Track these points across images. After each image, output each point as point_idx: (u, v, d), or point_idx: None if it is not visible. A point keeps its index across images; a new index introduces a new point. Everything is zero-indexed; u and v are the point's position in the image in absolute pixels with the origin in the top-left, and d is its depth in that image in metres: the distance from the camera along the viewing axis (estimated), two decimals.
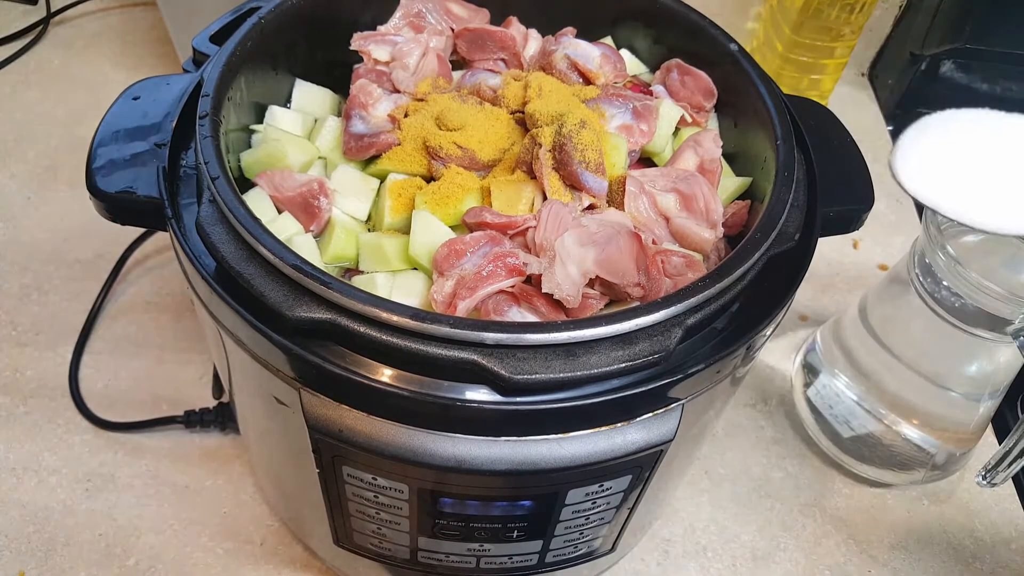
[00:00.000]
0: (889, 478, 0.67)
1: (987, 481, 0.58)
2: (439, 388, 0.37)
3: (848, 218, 0.49)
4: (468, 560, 0.49)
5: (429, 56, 0.54)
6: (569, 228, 0.44)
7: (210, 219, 0.40)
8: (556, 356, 0.37)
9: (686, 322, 0.38)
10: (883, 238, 0.86)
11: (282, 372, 0.39)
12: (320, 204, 0.47)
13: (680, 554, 0.64)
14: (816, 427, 0.69)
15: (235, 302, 0.38)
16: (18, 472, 0.64)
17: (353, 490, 0.44)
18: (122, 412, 0.67)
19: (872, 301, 0.65)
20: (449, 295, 0.42)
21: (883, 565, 0.64)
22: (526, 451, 0.39)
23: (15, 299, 0.74)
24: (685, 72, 0.55)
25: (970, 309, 0.55)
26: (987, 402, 0.62)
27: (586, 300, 0.43)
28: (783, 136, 0.47)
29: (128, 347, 0.71)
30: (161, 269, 0.77)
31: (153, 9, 0.99)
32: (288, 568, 0.61)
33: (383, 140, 0.49)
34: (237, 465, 0.65)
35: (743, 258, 0.40)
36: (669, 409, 0.40)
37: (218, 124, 0.44)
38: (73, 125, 0.89)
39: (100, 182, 0.43)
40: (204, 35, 0.50)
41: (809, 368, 0.70)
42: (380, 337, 0.36)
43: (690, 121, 0.55)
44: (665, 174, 0.50)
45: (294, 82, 0.54)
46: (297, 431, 0.41)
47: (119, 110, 0.47)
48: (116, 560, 0.60)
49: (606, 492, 0.44)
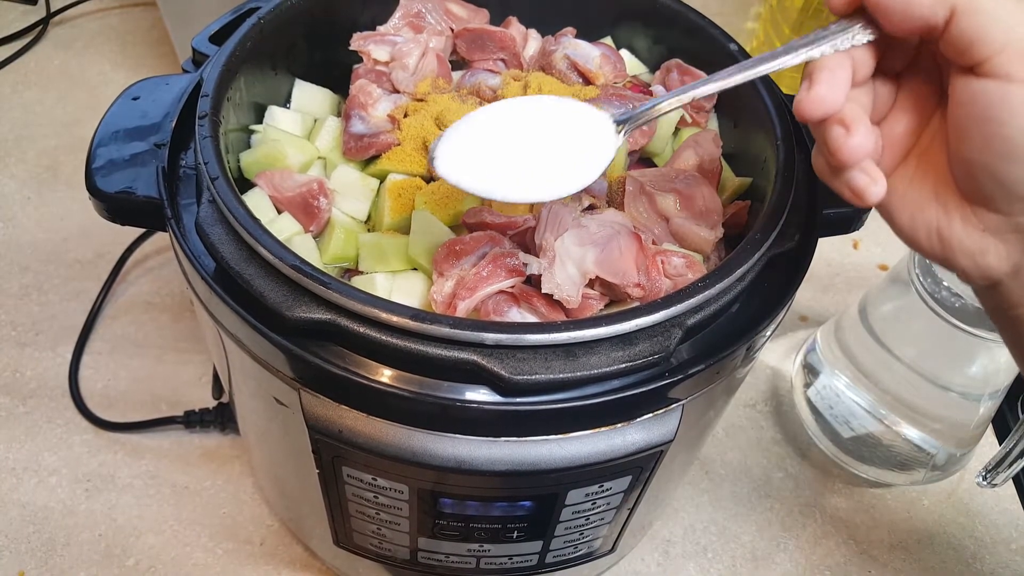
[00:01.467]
0: (889, 478, 0.67)
1: (987, 482, 0.58)
2: (439, 388, 0.37)
3: (848, 218, 0.49)
4: (468, 560, 0.49)
5: (429, 56, 0.54)
6: (569, 228, 0.44)
7: (209, 219, 0.40)
8: (556, 356, 0.37)
9: (686, 322, 0.38)
10: (883, 238, 0.86)
11: (282, 372, 0.39)
12: (320, 204, 0.47)
13: (680, 554, 0.64)
14: (816, 427, 0.69)
15: (235, 302, 0.38)
16: (18, 472, 0.64)
17: (353, 490, 0.44)
18: (122, 412, 0.67)
19: (872, 301, 0.65)
20: (449, 295, 0.42)
21: (883, 565, 0.64)
22: (526, 451, 0.39)
23: (15, 299, 0.74)
24: (685, 72, 0.55)
25: (970, 309, 0.55)
26: (987, 402, 0.62)
27: (586, 300, 0.43)
28: (783, 136, 0.46)
29: (128, 347, 0.71)
30: (161, 269, 0.77)
31: (153, 9, 0.99)
32: (288, 568, 0.61)
33: (383, 140, 0.49)
34: (237, 465, 0.65)
35: (743, 258, 0.40)
36: (669, 409, 0.40)
37: (217, 124, 0.44)
38: (73, 125, 0.89)
39: (99, 182, 0.43)
40: (203, 35, 0.50)
41: (809, 368, 0.70)
42: (380, 337, 0.36)
43: (690, 121, 0.55)
44: (665, 174, 0.50)
45: (294, 82, 0.54)
46: (297, 431, 0.41)
47: (119, 110, 0.47)
48: (116, 560, 0.60)
49: (606, 492, 0.44)
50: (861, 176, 0.34)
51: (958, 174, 0.33)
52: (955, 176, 0.33)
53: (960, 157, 0.32)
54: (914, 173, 0.35)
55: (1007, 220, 0.32)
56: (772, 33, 0.89)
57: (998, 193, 0.32)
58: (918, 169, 0.35)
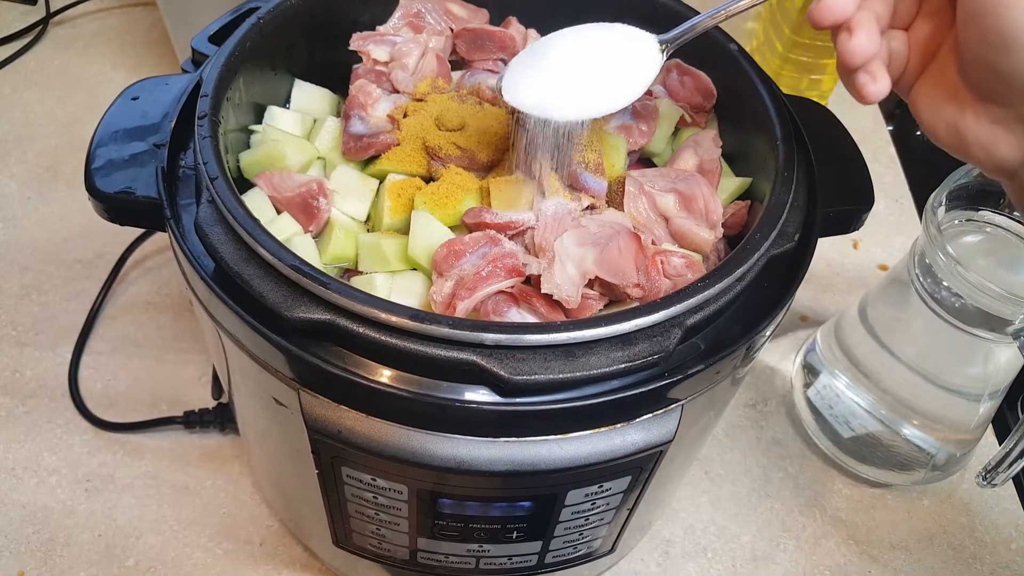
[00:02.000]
0: (889, 478, 0.67)
1: (987, 482, 0.58)
2: (438, 389, 0.37)
3: (848, 218, 0.49)
4: (467, 561, 0.49)
5: (428, 56, 0.54)
6: (568, 228, 0.44)
7: (209, 220, 0.40)
8: (555, 357, 0.37)
9: (686, 322, 0.38)
10: (883, 238, 0.86)
11: (281, 373, 0.39)
12: (319, 204, 0.47)
13: (680, 554, 0.64)
14: (816, 427, 0.69)
15: (234, 303, 0.38)
16: (18, 472, 0.64)
17: (352, 491, 0.44)
18: (122, 412, 0.67)
19: (872, 301, 0.65)
20: (448, 295, 0.42)
21: (883, 565, 0.64)
22: (525, 452, 0.39)
23: (15, 299, 0.74)
24: (685, 72, 0.55)
25: (970, 309, 0.55)
26: (987, 402, 0.62)
27: (585, 300, 0.43)
28: (783, 136, 0.46)
29: (127, 347, 0.71)
30: (160, 269, 0.77)
31: (153, 9, 0.99)
32: (288, 568, 0.61)
33: (382, 140, 0.49)
34: (236, 465, 0.65)
35: (743, 258, 0.40)
36: (669, 410, 0.40)
37: (217, 124, 0.44)
38: (73, 125, 0.89)
39: (99, 182, 0.43)
40: (203, 35, 0.50)
41: (809, 368, 0.70)
42: (379, 338, 0.36)
43: (690, 121, 0.55)
44: (665, 174, 0.50)
45: (293, 82, 0.54)
46: (296, 432, 0.41)
47: (118, 110, 0.47)
48: (116, 560, 0.60)
49: (606, 493, 0.44)
50: (863, 75, 0.37)
51: (965, 70, 0.35)
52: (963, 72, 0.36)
53: (964, 53, 0.35)
54: (938, 74, 0.38)
55: (1011, 112, 0.34)
56: (772, 33, 0.89)
57: (998, 85, 0.34)
58: (940, 70, 0.37)
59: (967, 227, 0.58)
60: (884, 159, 0.94)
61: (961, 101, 0.36)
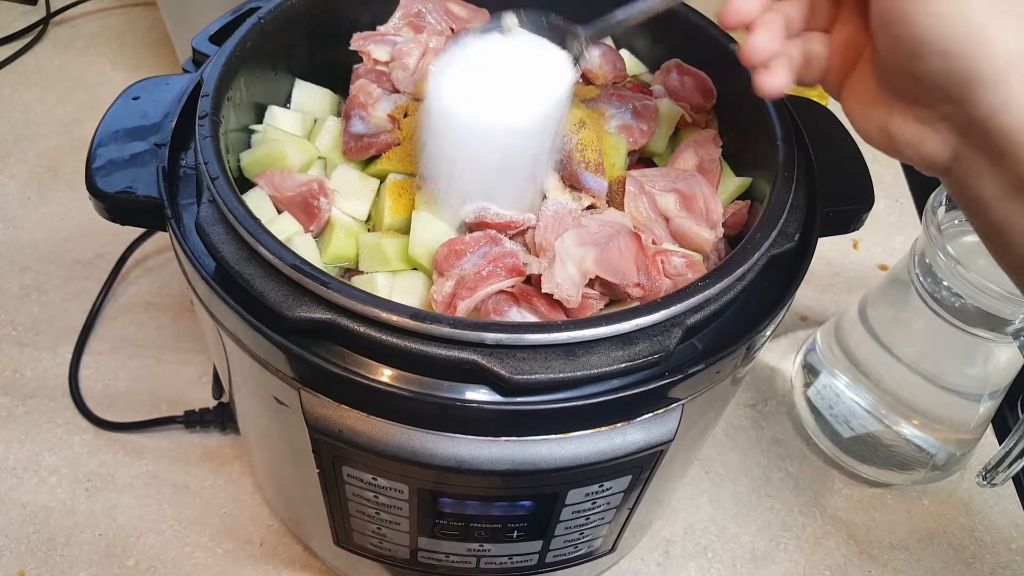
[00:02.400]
0: (889, 478, 0.67)
1: (987, 481, 0.58)
2: (439, 388, 0.37)
3: (848, 218, 0.49)
4: (468, 560, 0.49)
5: (429, 56, 0.54)
6: (569, 228, 0.44)
7: (209, 219, 0.40)
8: (556, 356, 0.37)
9: (686, 322, 0.38)
10: (883, 238, 0.86)
11: (282, 372, 0.39)
12: (320, 204, 0.47)
13: (680, 554, 0.64)
14: (816, 427, 0.69)
15: (235, 302, 0.38)
16: (18, 472, 0.64)
17: (353, 490, 0.44)
18: (122, 412, 0.67)
19: (872, 301, 0.65)
20: (449, 295, 0.42)
21: (883, 565, 0.64)
22: (526, 451, 0.39)
23: (15, 299, 0.74)
24: (685, 72, 0.55)
25: (970, 309, 0.55)
26: (987, 402, 0.62)
27: (586, 300, 0.43)
28: (783, 136, 0.47)
29: (128, 347, 0.71)
30: (161, 269, 0.77)
31: (153, 9, 0.99)
32: (288, 568, 0.61)
33: (383, 140, 0.49)
34: (237, 465, 0.65)
35: (743, 258, 0.40)
36: (669, 409, 0.40)
37: (218, 124, 0.44)
38: (73, 125, 0.89)
39: (100, 182, 0.43)
40: (204, 35, 0.50)
41: (809, 368, 0.70)
42: (380, 337, 0.36)
43: (690, 121, 0.55)
44: (665, 174, 0.50)
45: (294, 82, 0.54)
46: (297, 431, 0.41)
47: (119, 110, 0.47)
48: (116, 560, 0.60)
49: (606, 492, 0.44)
50: (761, 71, 0.39)
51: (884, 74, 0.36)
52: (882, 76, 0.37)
53: (881, 58, 0.36)
54: (865, 77, 0.38)
55: (934, 111, 0.35)
56: None
57: (914, 88, 0.35)
58: (865, 73, 0.38)
59: (967, 227, 0.58)
60: (884, 159, 0.93)
61: (887, 103, 0.37)
